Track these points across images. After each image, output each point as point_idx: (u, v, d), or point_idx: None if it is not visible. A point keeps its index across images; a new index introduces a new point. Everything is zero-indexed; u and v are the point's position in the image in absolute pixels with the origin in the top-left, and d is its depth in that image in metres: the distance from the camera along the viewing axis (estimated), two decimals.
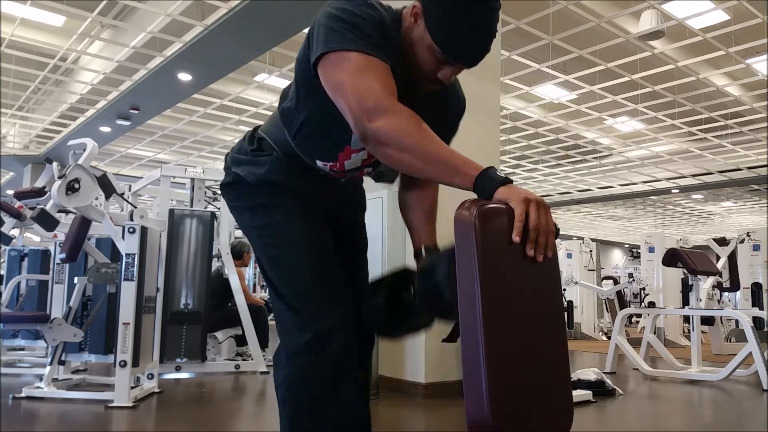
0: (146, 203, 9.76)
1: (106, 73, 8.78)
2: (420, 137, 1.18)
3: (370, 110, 1.19)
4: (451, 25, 1.27)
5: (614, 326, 5.98)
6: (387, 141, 1.19)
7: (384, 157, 1.23)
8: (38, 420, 3.50)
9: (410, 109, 1.21)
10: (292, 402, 1.40)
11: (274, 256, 1.46)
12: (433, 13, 1.28)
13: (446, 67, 1.33)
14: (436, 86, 1.38)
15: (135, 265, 3.81)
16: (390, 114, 1.19)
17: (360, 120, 1.20)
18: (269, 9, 6.23)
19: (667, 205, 19.15)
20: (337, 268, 1.47)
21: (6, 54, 8.32)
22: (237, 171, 1.50)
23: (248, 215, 1.50)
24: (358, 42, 1.23)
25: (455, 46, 1.29)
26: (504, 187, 1.12)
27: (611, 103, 9.90)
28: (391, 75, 1.25)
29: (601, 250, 14.20)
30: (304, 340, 1.36)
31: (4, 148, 12.57)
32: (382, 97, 1.20)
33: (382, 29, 1.28)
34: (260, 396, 4.49)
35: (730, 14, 6.84)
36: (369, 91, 1.20)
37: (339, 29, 1.25)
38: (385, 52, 1.26)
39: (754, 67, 8.30)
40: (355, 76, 1.22)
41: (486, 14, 1.29)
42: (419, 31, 1.30)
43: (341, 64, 1.24)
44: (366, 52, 1.23)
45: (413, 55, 1.33)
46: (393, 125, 1.18)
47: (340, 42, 1.24)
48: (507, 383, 1.09)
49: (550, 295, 1.21)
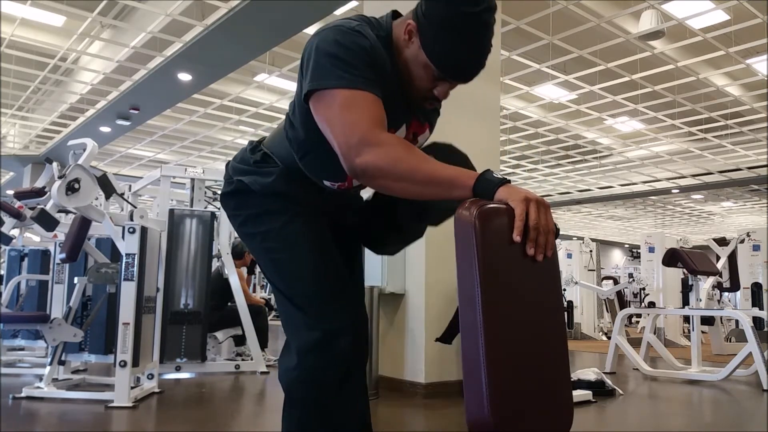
0: (146, 203, 9.77)
1: (106, 73, 8.78)
2: (409, 164, 1.18)
3: (356, 146, 1.20)
4: (446, 44, 1.28)
5: (614, 326, 5.97)
6: (378, 174, 1.20)
7: (380, 188, 1.25)
8: (38, 420, 3.50)
9: (414, 115, 1.20)
10: (301, 400, 1.41)
11: (279, 260, 1.46)
12: (428, 31, 1.29)
13: (442, 84, 1.34)
14: (432, 102, 1.39)
15: (135, 265, 3.81)
16: (375, 147, 1.19)
17: (347, 157, 1.22)
18: (269, 9, 6.23)
19: (667, 205, 19.16)
20: (342, 268, 1.48)
21: (6, 54, 8.33)
22: (241, 179, 1.50)
23: (250, 223, 1.50)
24: (344, 78, 1.24)
25: (451, 64, 1.30)
26: (504, 187, 1.13)
27: (611, 103, 9.90)
28: (379, 105, 1.26)
29: (601, 250, 14.20)
30: (313, 338, 1.37)
31: (4, 148, 12.58)
32: (367, 132, 1.21)
33: (373, 58, 1.29)
34: (260, 396, 4.49)
35: (730, 14, 6.84)
36: (354, 127, 1.21)
37: (326, 65, 1.26)
38: (374, 83, 1.27)
39: (754, 67, 8.31)
40: (341, 112, 1.23)
41: (481, 32, 1.30)
42: (414, 49, 1.31)
43: (328, 101, 1.25)
44: (353, 87, 1.24)
45: (408, 72, 1.34)
46: (380, 158, 1.19)
47: (326, 79, 1.25)
48: (507, 383, 1.09)
49: (550, 294, 1.21)
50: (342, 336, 1.37)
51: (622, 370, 5.85)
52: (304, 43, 1.37)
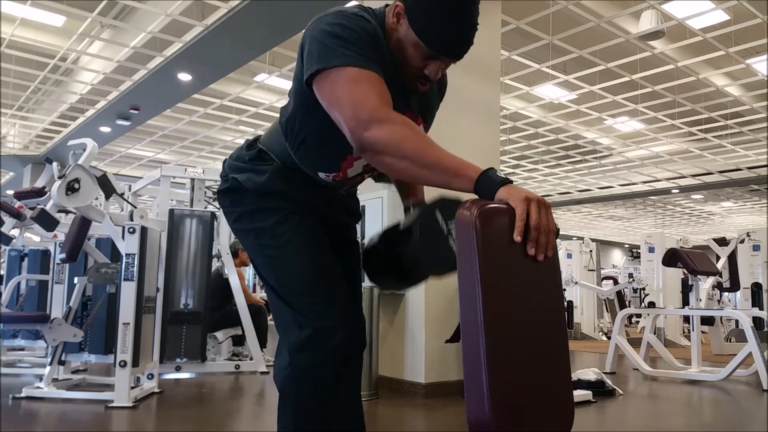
0: (146, 203, 9.77)
1: (106, 73, 8.78)
2: (417, 144, 1.19)
3: (366, 121, 1.20)
4: (432, 19, 1.30)
5: (614, 326, 5.98)
6: (384, 150, 1.20)
7: (382, 165, 1.24)
8: (38, 420, 3.50)
9: (408, 107, 1.21)
10: (295, 398, 1.41)
11: (272, 257, 1.47)
12: (416, 9, 1.31)
13: (433, 63, 1.35)
14: (424, 83, 1.40)
15: (135, 265, 3.81)
16: (385, 123, 1.20)
17: (356, 131, 1.22)
18: (269, 9, 6.23)
19: (667, 205, 19.16)
20: (334, 266, 1.49)
21: (6, 54, 8.32)
22: (236, 177, 1.51)
23: (244, 220, 1.51)
24: (351, 57, 1.25)
25: (441, 41, 1.32)
26: (505, 187, 1.13)
27: (611, 103, 9.90)
28: (385, 86, 1.27)
29: (601, 250, 14.19)
30: (304, 336, 1.37)
31: (4, 148, 12.57)
32: (377, 108, 1.21)
33: (374, 40, 1.31)
34: (260, 396, 4.49)
35: (730, 14, 6.84)
36: (364, 102, 1.22)
37: (332, 45, 1.27)
38: (378, 63, 1.28)
39: (754, 67, 8.30)
40: (349, 88, 1.24)
41: (468, 7, 1.32)
42: (403, 30, 1.33)
43: (336, 78, 1.26)
44: (359, 65, 1.25)
45: (400, 53, 1.35)
46: (389, 134, 1.19)
47: (333, 58, 1.26)
48: (508, 383, 1.09)
49: (550, 294, 1.21)
50: (334, 334, 1.37)
51: (622, 370, 5.86)
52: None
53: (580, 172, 14.99)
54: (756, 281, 8.93)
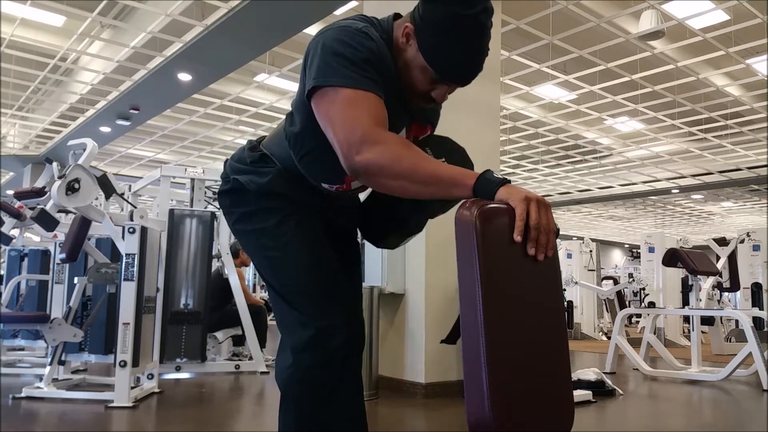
0: (146, 203, 9.77)
1: (106, 73, 8.78)
2: (412, 161, 1.18)
3: (357, 143, 1.20)
4: (443, 47, 1.28)
5: (614, 326, 5.97)
6: (379, 172, 1.20)
7: (379, 186, 1.24)
8: (38, 420, 3.50)
9: (414, 120, 1.19)
10: (296, 398, 1.40)
11: (273, 258, 1.47)
12: (426, 34, 1.29)
13: (440, 87, 1.34)
14: (430, 104, 1.39)
15: (135, 265, 3.81)
16: (378, 144, 1.20)
17: (348, 156, 1.21)
18: (269, 9, 6.23)
19: (667, 205, 19.15)
20: (336, 266, 1.48)
21: (6, 54, 8.32)
22: (237, 178, 1.50)
23: (245, 220, 1.50)
24: (349, 77, 1.25)
25: (448, 68, 1.31)
26: (504, 187, 1.13)
27: (611, 103, 9.90)
28: (382, 106, 1.26)
29: (601, 250, 14.20)
30: (306, 336, 1.37)
31: (4, 148, 12.57)
32: (369, 129, 1.21)
33: (377, 58, 1.29)
34: (260, 396, 4.49)
35: (730, 14, 6.84)
36: (356, 124, 1.21)
37: (332, 63, 1.26)
38: (377, 85, 1.27)
39: (754, 67, 8.30)
40: (343, 110, 1.23)
41: (478, 34, 1.30)
42: (412, 52, 1.32)
43: (332, 98, 1.25)
44: (357, 87, 1.24)
45: (407, 74, 1.34)
46: (381, 155, 1.19)
47: (332, 76, 1.25)
48: (508, 383, 1.09)
49: (550, 294, 1.21)
50: (336, 333, 1.37)
51: (622, 370, 5.85)
52: (304, 43, 1.38)
53: (580, 172, 14.99)
54: (756, 281, 8.93)
